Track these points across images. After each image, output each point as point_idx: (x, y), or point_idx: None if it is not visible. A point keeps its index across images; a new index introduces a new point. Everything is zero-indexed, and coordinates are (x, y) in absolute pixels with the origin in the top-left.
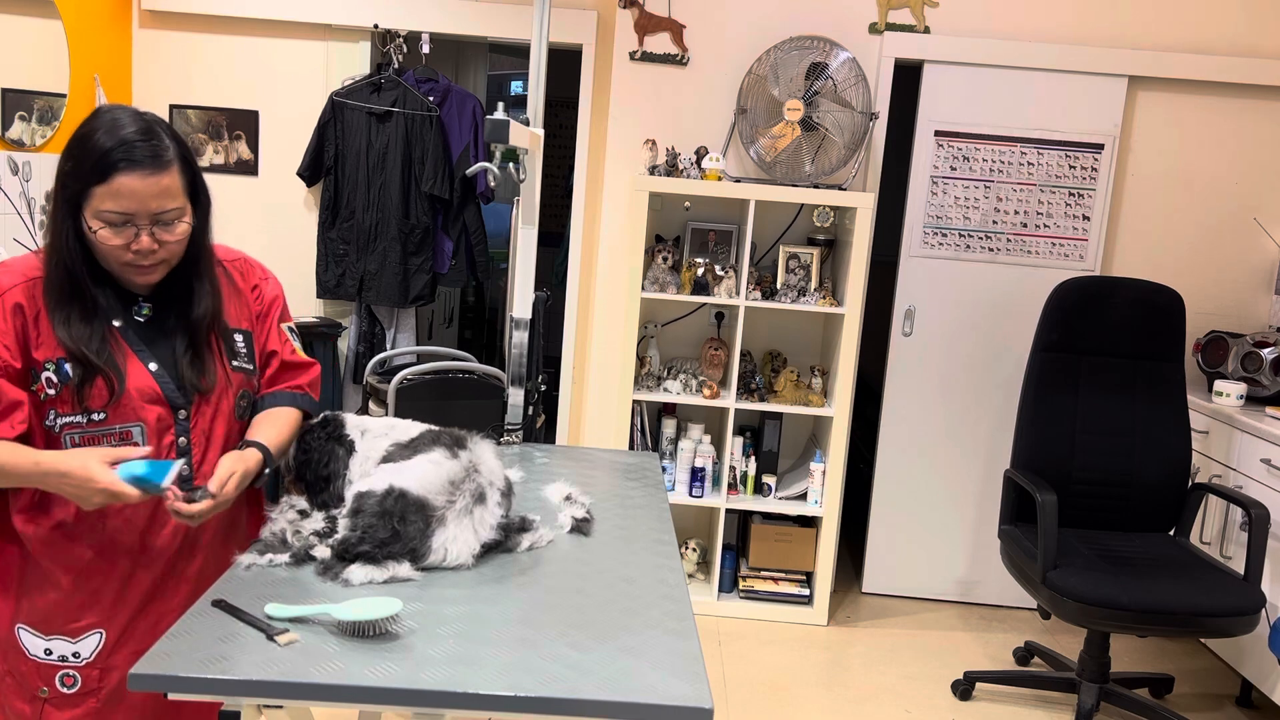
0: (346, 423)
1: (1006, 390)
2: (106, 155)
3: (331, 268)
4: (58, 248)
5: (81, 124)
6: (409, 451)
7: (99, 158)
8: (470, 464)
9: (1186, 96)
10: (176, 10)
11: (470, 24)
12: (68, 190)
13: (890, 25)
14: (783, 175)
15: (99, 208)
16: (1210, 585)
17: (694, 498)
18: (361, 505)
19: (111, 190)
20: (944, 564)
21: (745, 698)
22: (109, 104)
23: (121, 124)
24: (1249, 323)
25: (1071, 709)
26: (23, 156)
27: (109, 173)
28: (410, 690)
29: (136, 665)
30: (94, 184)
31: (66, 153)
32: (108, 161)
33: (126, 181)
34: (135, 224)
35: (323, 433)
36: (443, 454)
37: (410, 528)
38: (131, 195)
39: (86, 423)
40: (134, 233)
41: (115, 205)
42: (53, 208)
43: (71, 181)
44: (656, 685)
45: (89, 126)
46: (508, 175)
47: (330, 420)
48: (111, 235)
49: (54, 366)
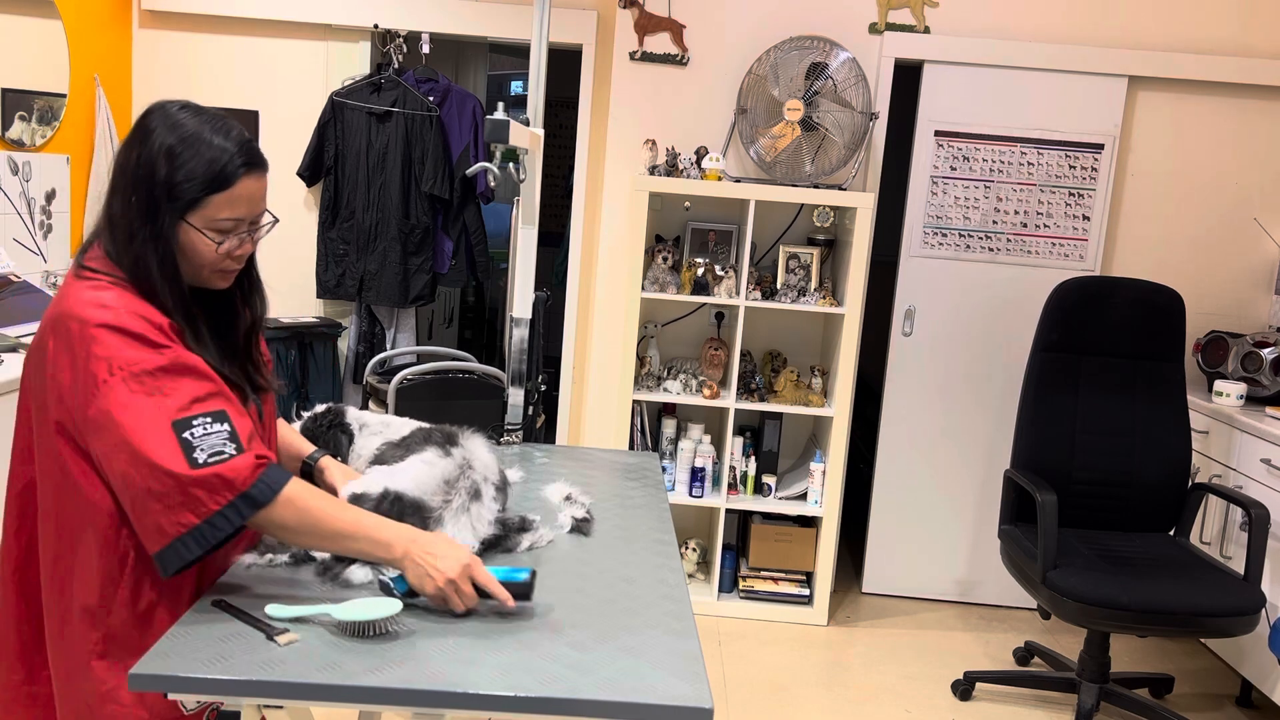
0: (347, 413)
1: (1006, 390)
2: (231, 160)
3: (331, 268)
4: (165, 262)
5: (164, 126)
6: (401, 451)
7: (224, 163)
8: (464, 461)
9: (1186, 96)
10: (176, 10)
11: (470, 24)
12: (178, 201)
13: (890, 25)
14: (783, 175)
15: (215, 216)
16: (1210, 585)
17: (694, 498)
18: None
19: (232, 197)
20: (944, 564)
21: (745, 698)
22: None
23: (222, 124)
24: (1249, 323)
25: (1071, 709)
26: (23, 156)
27: (233, 179)
28: (410, 690)
29: (136, 665)
30: (214, 191)
31: (166, 161)
32: (233, 167)
33: (248, 186)
34: (241, 228)
35: (325, 420)
36: (435, 453)
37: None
38: (249, 200)
39: None
40: (238, 238)
41: (232, 212)
42: (143, 222)
43: (185, 191)
44: (656, 685)
45: (188, 129)
46: (508, 175)
47: (332, 410)
48: (219, 243)
49: None
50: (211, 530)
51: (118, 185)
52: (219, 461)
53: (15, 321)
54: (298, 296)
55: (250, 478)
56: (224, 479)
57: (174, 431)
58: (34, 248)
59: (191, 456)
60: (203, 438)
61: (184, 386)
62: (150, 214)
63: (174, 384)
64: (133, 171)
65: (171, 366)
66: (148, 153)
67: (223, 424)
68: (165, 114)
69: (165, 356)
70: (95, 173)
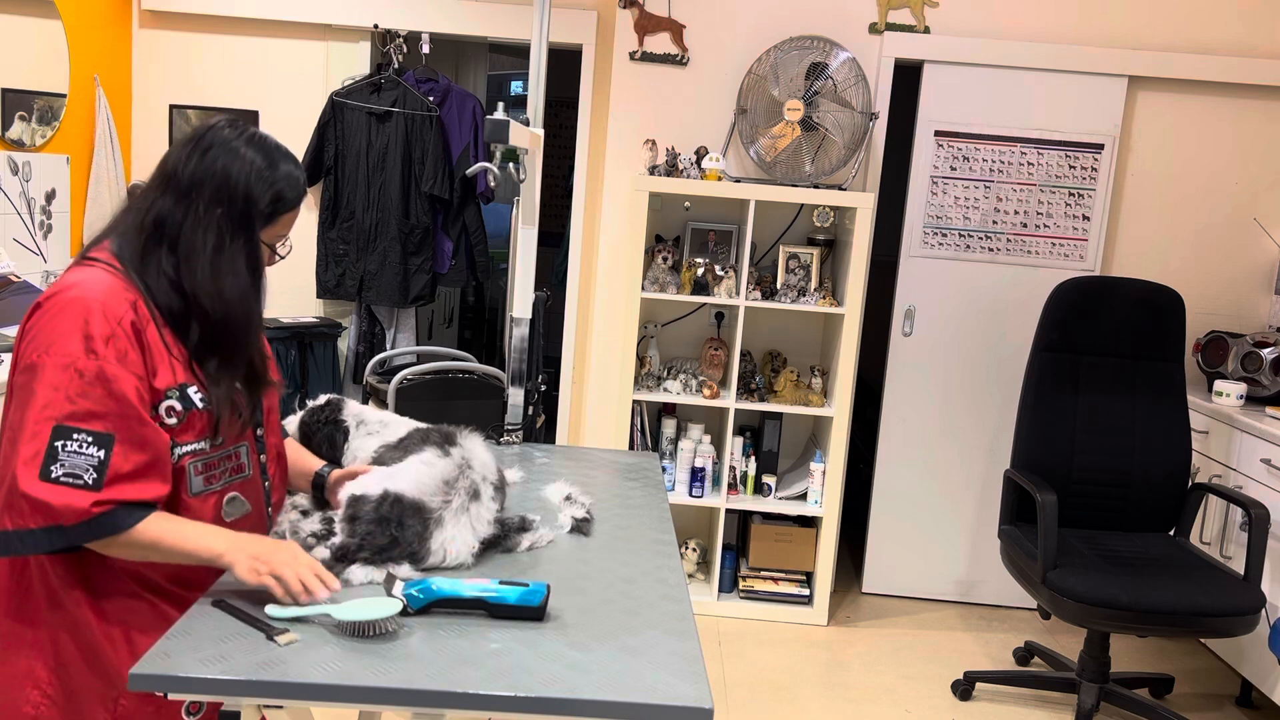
0: (345, 407)
1: (1006, 390)
2: (301, 183)
3: (331, 268)
4: (256, 270)
5: (244, 145)
6: (399, 453)
7: (302, 185)
8: (463, 461)
9: (1186, 96)
10: (176, 10)
11: (470, 24)
12: (264, 217)
13: (890, 25)
14: (783, 175)
15: (279, 233)
16: (1210, 585)
17: (694, 498)
18: (358, 512)
19: (292, 216)
20: (944, 564)
21: (745, 698)
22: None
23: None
24: (1249, 323)
25: (1071, 709)
26: (23, 156)
27: (299, 201)
28: (410, 690)
29: (136, 665)
30: (287, 211)
31: (261, 179)
32: (303, 187)
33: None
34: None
35: (323, 415)
36: (434, 453)
37: (408, 532)
38: (296, 217)
39: (209, 449)
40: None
41: (287, 230)
42: (234, 234)
43: (277, 208)
44: (656, 685)
45: (268, 151)
46: (508, 175)
47: (331, 404)
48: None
49: (177, 394)
50: (10, 542)
51: (184, 194)
52: (69, 484)
53: (15, 322)
54: (298, 296)
55: (76, 516)
56: (50, 507)
57: (51, 435)
58: (34, 248)
59: (48, 467)
60: (71, 454)
61: (90, 397)
62: (244, 228)
63: (81, 390)
64: (215, 185)
65: (93, 375)
66: (235, 170)
67: (100, 449)
68: (237, 132)
69: (93, 364)
70: (95, 173)
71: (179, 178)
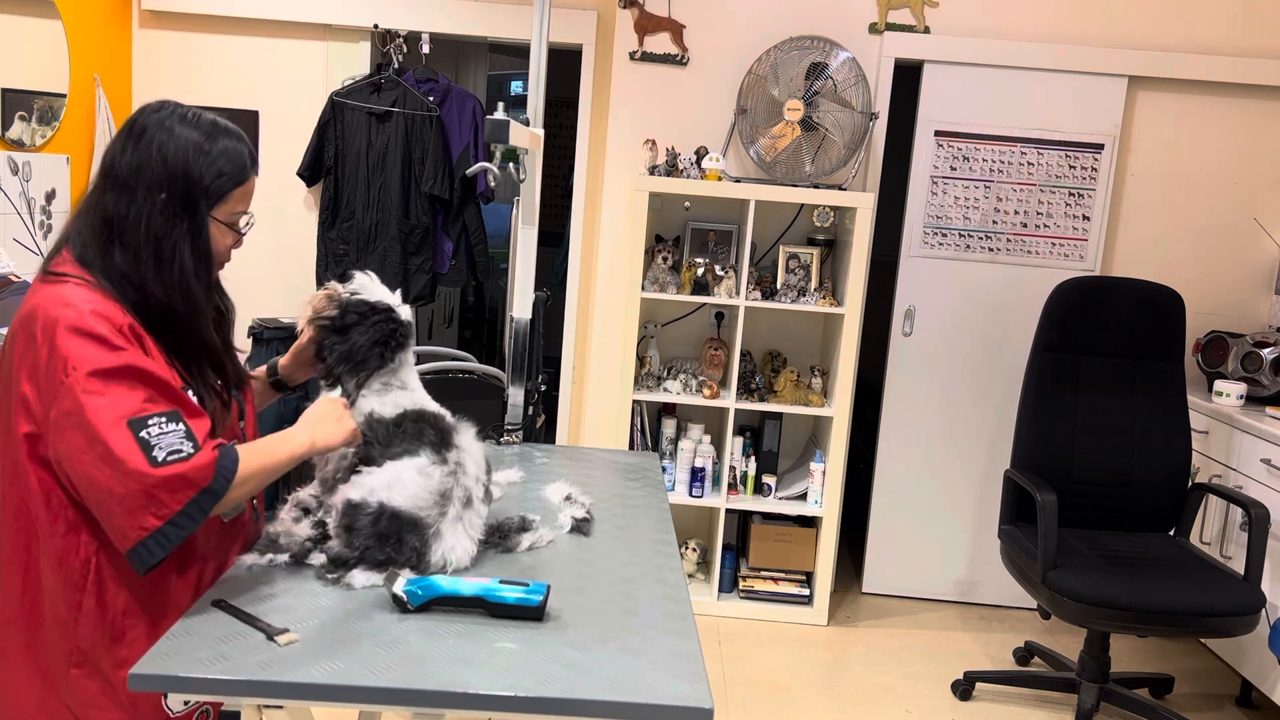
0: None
1: (1006, 390)
2: (247, 155)
3: (331, 268)
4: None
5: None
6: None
7: (246, 157)
8: (456, 465)
9: (1186, 96)
10: (176, 10)
11: (470, 24)
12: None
13: (890, 25)
14: (783, 175)
15: (234, 209)
16: (1210, 585)
17: (694, 498)
18: (354, 522)
19: (245, 191)
20: (944, 564)
21: (745, 698)
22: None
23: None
24: (1249, 323)
25: (1071, 709)
26: (23, 156)
27: (249, 172)
28: (410, 690)
29: (136, 665)
30: (234, 186)
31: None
32: (248, 159)
33: (253, 180)
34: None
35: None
36: (429, 457)
37: (406, 548)
38: (250, 194)
39: None
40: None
41: (243, 206)
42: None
43: (220, 186)
44: (656, 685)
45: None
46: (508, 175)
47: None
48: (231, 235)
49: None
50: (175, 530)
51: (124, 186)
52: (178, 460)
53: None
54: (298, 297)
55: (209, 474)
56: (185, 479)
57: (130, 430)
58: (34, 248)
59: (151, 455)
60: (160, 436)
61: (138, 387)
62: (187, 210)
63: (128, 384)
64: (153, 170)
65: (126, 368)
66: (171, 150)
67: (177, 424)
68: (169, 112)
69: (120, 358)
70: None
71: (117, 170)
